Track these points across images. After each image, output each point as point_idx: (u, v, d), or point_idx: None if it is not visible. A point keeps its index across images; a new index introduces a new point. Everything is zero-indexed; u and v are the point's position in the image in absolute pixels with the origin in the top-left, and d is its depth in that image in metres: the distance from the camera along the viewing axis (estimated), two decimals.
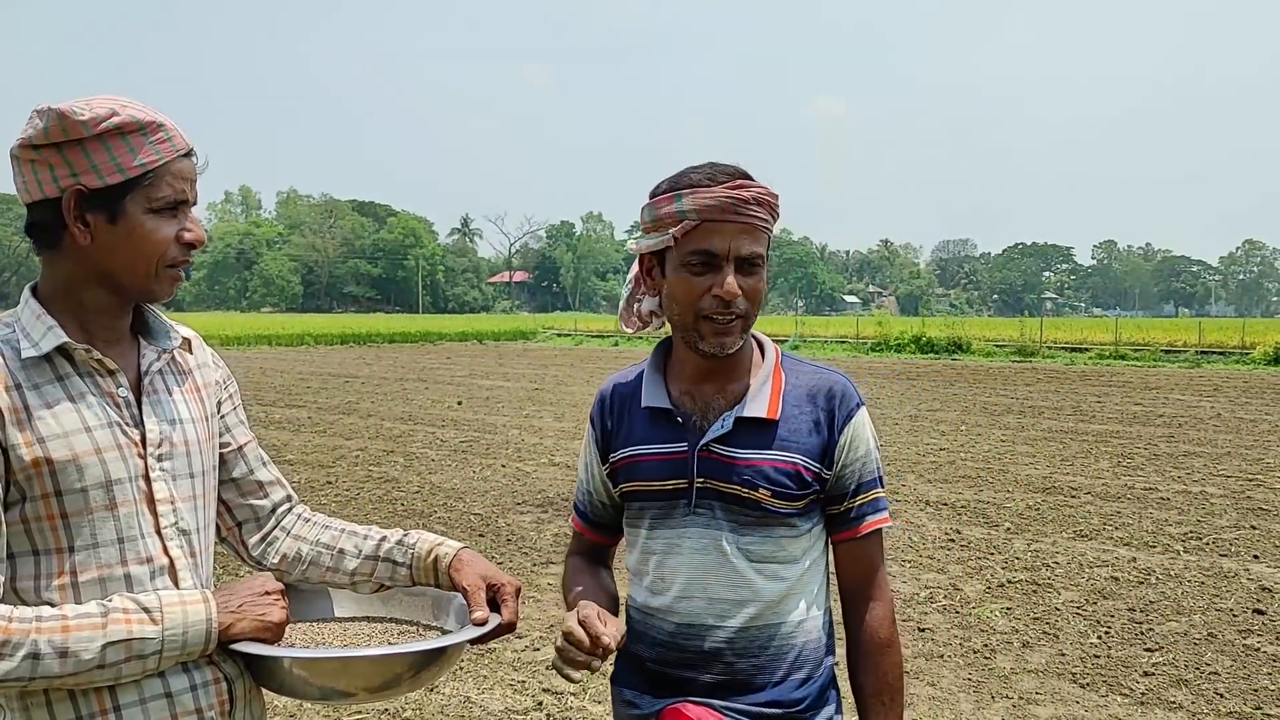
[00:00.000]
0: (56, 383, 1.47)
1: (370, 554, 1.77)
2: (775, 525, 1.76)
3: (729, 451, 1.76)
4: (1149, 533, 7.93)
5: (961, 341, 34.05)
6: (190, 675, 1.50)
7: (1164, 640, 5.49)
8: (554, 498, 9.11)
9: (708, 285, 1.71)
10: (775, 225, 1.77)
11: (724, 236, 1.69)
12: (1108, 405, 17.46)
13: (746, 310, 1.73)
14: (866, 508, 1.81)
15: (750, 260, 1.71)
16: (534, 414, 15.82)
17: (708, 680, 1.77)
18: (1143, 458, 11.58)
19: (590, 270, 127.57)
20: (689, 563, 1.79)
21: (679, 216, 1.71)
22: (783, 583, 1.77)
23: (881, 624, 1.80)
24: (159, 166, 1.48)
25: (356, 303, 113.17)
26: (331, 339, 41.60)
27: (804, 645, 1.80)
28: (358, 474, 10.33)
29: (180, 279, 1.56)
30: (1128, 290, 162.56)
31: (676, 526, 1.81)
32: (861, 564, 1.82)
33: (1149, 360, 30.35)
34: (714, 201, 1.68)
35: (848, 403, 1.79)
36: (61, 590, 1.44)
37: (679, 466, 1.79)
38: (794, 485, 1.75)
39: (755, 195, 1.69)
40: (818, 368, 1.87)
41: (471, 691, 4.71)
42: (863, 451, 1.79)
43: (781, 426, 1.77)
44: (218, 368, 1.77)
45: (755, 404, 1.78)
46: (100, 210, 1.47)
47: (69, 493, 1.44)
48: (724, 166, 1.74)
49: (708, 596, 1.77)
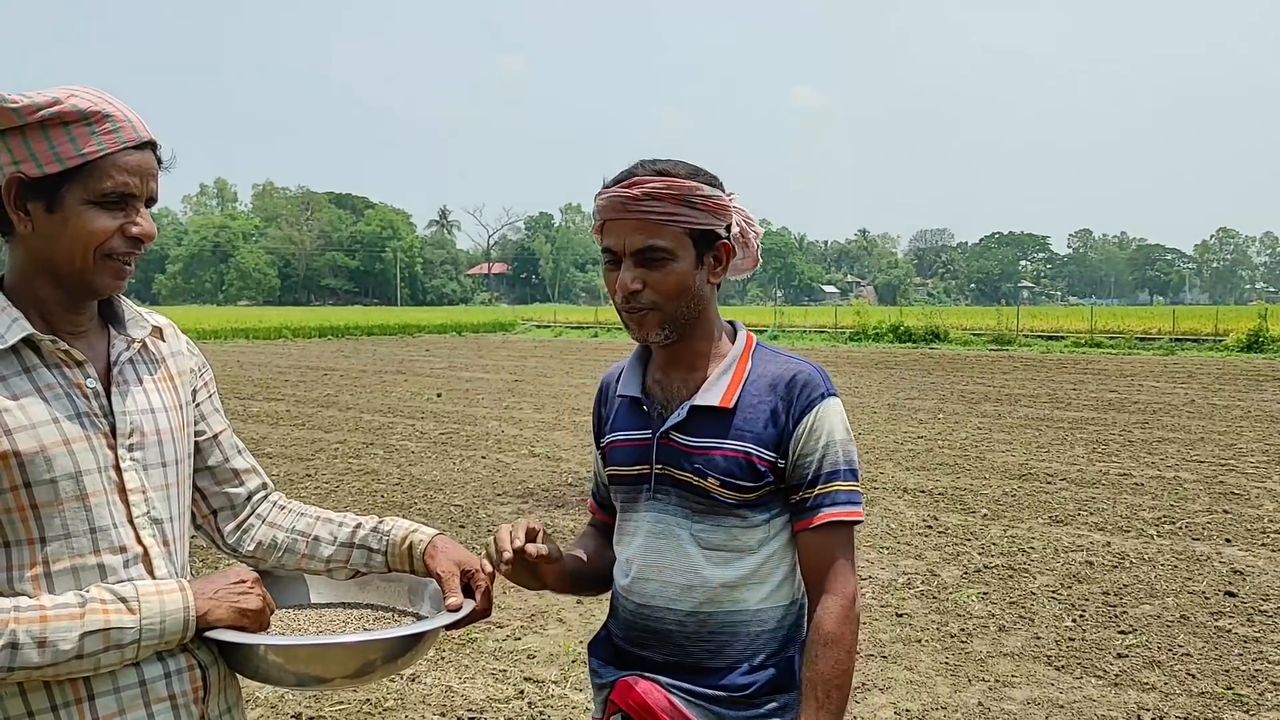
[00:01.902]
0: (23, 375, 1.47)
1: (345, 541, 1.78)
2: (725, 515, 1.77)
3: (685, 440, 1.79)
4: (1123, 517, 8.02)
5: (939, 331, 34.24)
6: (164, 663, 1.50)
7: (1137, 623, 5.56)
8: (534, 489, 9.11)
9: (615, 280, 1.77)
10: (705, 215, 1.75)
11: (618, 234, 1.74)
12: (1083, 392, 17.60)
13: (656, 302, 1.75)
14: (824, 499, 1.76)
15: (647, 253, 1.73)
16: (514, 406, 15.81)
17: (660, 660, 1.81)
18: (1117, 444, 11.70)
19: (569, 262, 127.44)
20: (646, 546, 1.83)
21: (593, 217, 1.82)
22: (734, 571, 1.78)
23: (828, 617, 1.74)
24: (101, 158, 1.46)
25: (334, 295, 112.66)
26: (309, 332, 41.41)
27: (759, 633, 1.79)
28: (337, 466, 10.31)
29: (124, 273, 1.53)
30: (1103, 279, 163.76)
31: (640, 510, 1.85)
32: (817, 555, 1.78)
33: (1124, 348, 30.62)
34: (606, 201, 1.75)
35: (809, 392, 1.77)
36: (35, 581, 1.44)
37: (643, 453, 1.84)
38: (744, 475, 1.75)
39: (647, 190, 1.71)
40: (789, 358, 1.85)
41: (453, 681, 4.73)
42: (823, 442, 1.76)
43: (737, 416, 1.77)
44: (192, 355, 1.76)
45: (710, 393, 1.79)
46: (39, 199, 1.46)
47: (38, 484, 1.44)
48: (642, 164, 1.77)
49: (661, 580, 1.81)
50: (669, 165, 1.77)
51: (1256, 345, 28.66)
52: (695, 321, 1.81)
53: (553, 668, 4.90)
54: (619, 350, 31.50)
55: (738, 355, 1.84)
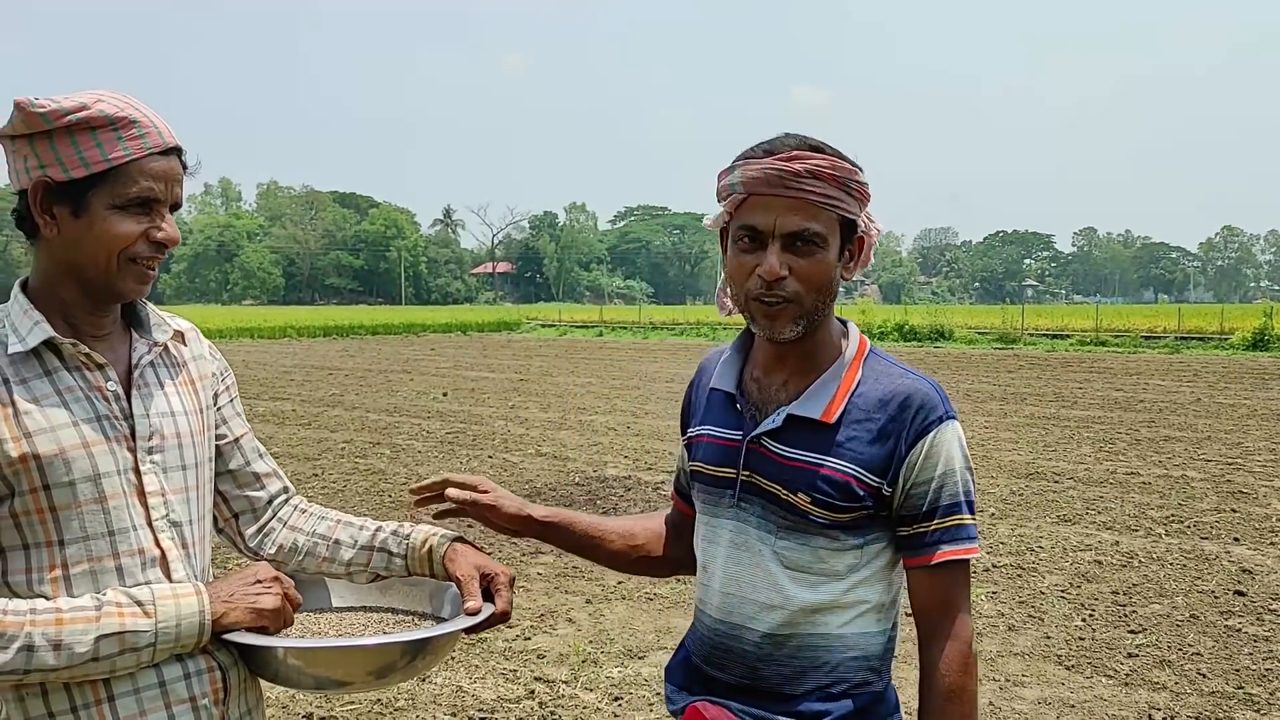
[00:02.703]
0: (44, 378, 1.48)
1: (366, 544, 1.78)
2: (815, 534, 1.62)
3: (778, 449, 1.64)
4: (1131, 517, 8.01)
5: (944, 329, 34.23)
6: (184, 664, 1.51)
7: (1147, 622, 5.55)
8: (541, 488, 9.12)
9: (754, 264, 1.59)
10: (855, 203, 1.60)
11: (769, 211, 1.56)
12: (1089, 391, 17.59)
13: (797, 293, 1.58)
14: (942, 534, 1.60)
15: (800, 237, 1.56)
16: (520, 405, 15.82)
17: (732, 682, 1.69)
18: (1124, 443, 11.68)
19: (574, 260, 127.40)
20: (726, 556, 1.70)
21: (730, 189, 1.62)
22: (819, 595, 1.63)
23: (949, 668, 1.59)
24: (127, 163, 1.46)
25: (339, 295, 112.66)
26: (314, 331, 41.44)
27: (840, 661, 1.65)
28: (344, 466, 10.32)
29: (148, 277, 1.54)
30: (1108, 277, 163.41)
31: (721, 516, 1.72)
32: (932, 596, 1.62)
33: (1129, 347, 30.58)
34: (759, 174, 1.56)
35: (927, 414, 1.60)
36: (54, 583, 1.45)
37: (731, 455, 1.70)
38: (839, 496, 1.59)
39: (810, 167, 1.54)
40: (906, 372, 1.67)
41: (463, 681, 4.73)
42: (940, 471, 1.59)
43: (840, 432, 1.61)
44: (214, 359, 1.76)
45: (811, 403, 1.64)
46: (65, 203, 1.47)
47: (57, 487, 1.44)
48: (791, 137, 1.60)
49: (740, 595, 1.68)
50: (820, 143, 1.60)
51: (1262, 343, 28.60)
52: (822, 319, 1.65)
53: (563, 668, 4.90)
54: (623, 350, 31.50)
55: (847, 363, 1.67)
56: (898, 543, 1.65)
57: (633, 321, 47.18)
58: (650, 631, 5.42)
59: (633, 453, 11.06)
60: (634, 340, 37.98)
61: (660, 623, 5.55)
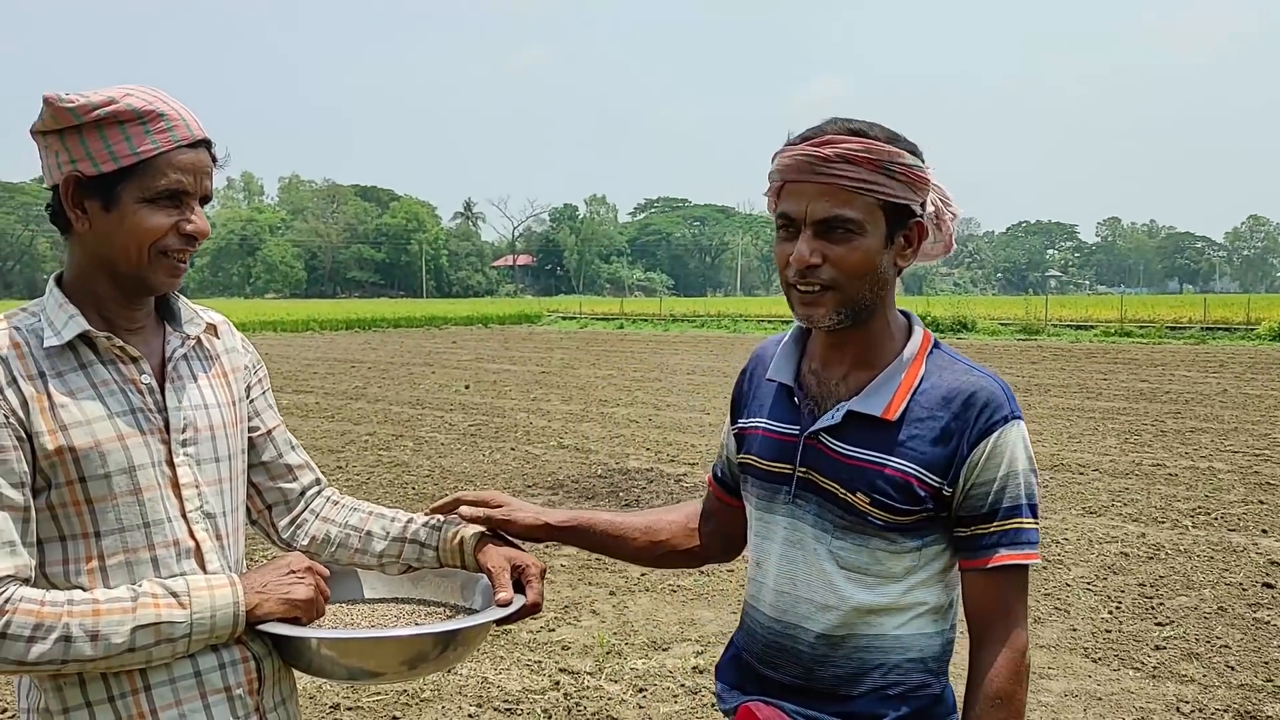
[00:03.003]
0: (79, 371, 1.49)
1: (397, 536, 1.79)
2: (872, 535, 1.58)
3: (836, 446, 1.60)
4: (1157, 508, 7.95)
5: (966, 320, 34.02)
6: (219, 654, 1.52)
7: (1174, 614, 5.52)
8: (564, 480, 9.14)
9: (790, 252, 1.55)
10: (903, 187, 1.54)
11: (800, 198, 1.53)
12: (1114, 382, 17.46)
13: (835, 280, 1.53)
14: (1000, 538, 1.55)
15: (832, 224, 1.51)
16: (541, 397, 15.85)
17: (786, 682, 1.66)
18: (1150, 434, 11.60)
19: (594, 253, 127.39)
20: (780, 554, 1.66)
21: (770, 178, 1.60)
22: (876, 596, 1.60)
23: (999, 674, 1.54)
24: (155, 156, 1.47)
25: (360, 288, 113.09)
26: (337, 324, 41.62)
27: (897, 663, 1.61)
28: (368, 459, 10.37)
29: (179, 270, 1.55)
30: (1132, 267, 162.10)
31: (775, 513, 1.68)
32: (986, 600, 1.57)
33: (1154, 337, 30.33)
34: (791, 160, 1.54)
35: (991, 413, 1.54)
36: (90, 574, 1.46)
37: (787, 450, 1.65)
38: (900, 498, 1.55)
39: (840, 152, 1.49)
40: (970, 367, 1.61)
41: (489, 672, 4.75)
42: (1002, 472, 1.54)
43: (902, 430, 1.56)
44: (246, 352, 1.78)
45: (872, 400, 1.58)
46: (96, 197, 1.48)
47: (92, 479, 1.46)
48: (833, 122, 1.56)
49: (794, 594, 1.64)
50: (864, 126, 1.55)
51: None
52: (872, 309, 1.59)
53: (587, 659, 4.92)
54: (644, 342, 31.50)
55: (910, 358, 1.61)
56: (955, 544, 1.61)
57: (653, 314, 47.14)
58: (674, 624, 5.42)
59: (655, 445, 11.06)
60: (655, 332, 37.95)
61: (684, 615, 5.56)
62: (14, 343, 1.47)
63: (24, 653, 1.35)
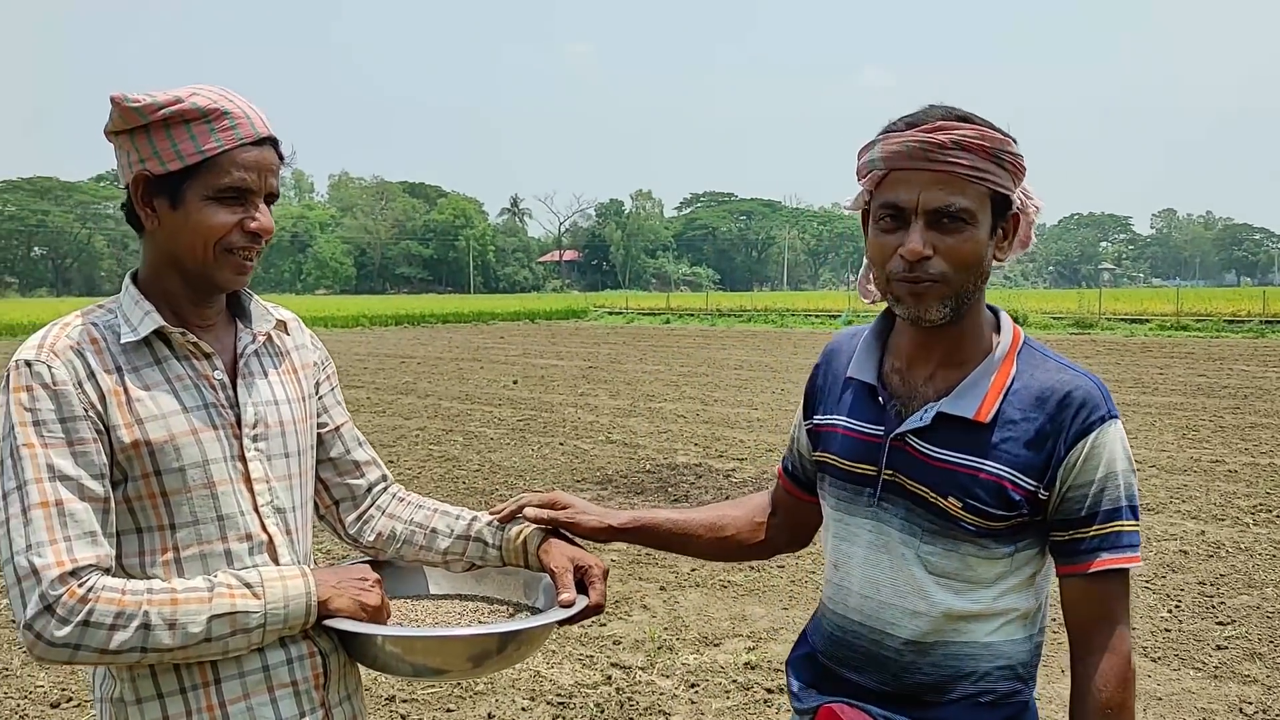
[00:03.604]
0: (154, 366, 1.52)
1: (462, 534, 1.80)
2: (964, 541, 1.53)
3: (925, 448, 1.54)
4: (1217, 505, 7.80)
5: (1018, 314, 33.57)
6: (286, 649, 1.55)
7: (1236, 614, 5.41)
8: (612, 475, 9.16)
9: (896, 244, 1.49)
10: (1008, 177, 1.50)
11: (911, 186, 1.46)
12: (1170, 377, 17.15)
13: (945, 274, 1.47)
14: (1100, 541, 1.50)
15: (947, 214, 1.45)
16: (589, 392, 15.90)
17: (871, 687, 1.61)
18: (1208, 430, 11.37)
19: (640, 248, 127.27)
20: (864, 558, 1.62)
21: (869, 166, 1.52)
22: (966, 602, 1.55)
23: (1106, 684, 1.50)
24: (220, 154, 1.49)
25: (409, 284, 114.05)
26: (386, 320, 42.05)
27: (989, 670, 1.57)
28: (419, 453, 10.47)
29: (245, 267, 1.56)
30: (1188, 260, 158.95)
31: (858, 515, 1.63)
32: (1088, 607, 1.53)
33: (1212, 331, 29.74)
34: (901, 147, 1.46)
35: (1088, 413, 1.49)
36: (166, 566, 1.50)
37: (871, 451, 1.60)
38: (994, 503, 1.50)
39: (955, 138, 1.44)
40: (1063, 365, 1.55)
41: (541, 666, 4.78)
42: (1101, 474, 1.48)
43: (995, 432, 1.51)
44: (316, 349, 1.80)
45: (964, 401, 1.53)
46: (164, 195, 1.51)
47: (167, 472, 1.49)
48: (936, 109, 1.50)
49: (879, 599, 1.60)
50: (969, 113, 1.49)
51: None
52: (972, 304, 1.53)
53: (639, 654, 4.93)
54: (690, 337, 31.45)
55: (1001, 357, 1.55)
56: (1052, 548, 1.56)
57: (700, 308, 47.07)
58: (725, 619, 5.42)
59: (703, 440, 11.05)
60: (701, 327, 37.89)
61: (735, 610, 5.55)
62: (92, 338, 1.50)
63: (106, 641, 1.38)
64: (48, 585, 1.36)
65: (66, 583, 1.37)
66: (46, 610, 1.36)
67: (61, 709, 4.41)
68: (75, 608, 1.37)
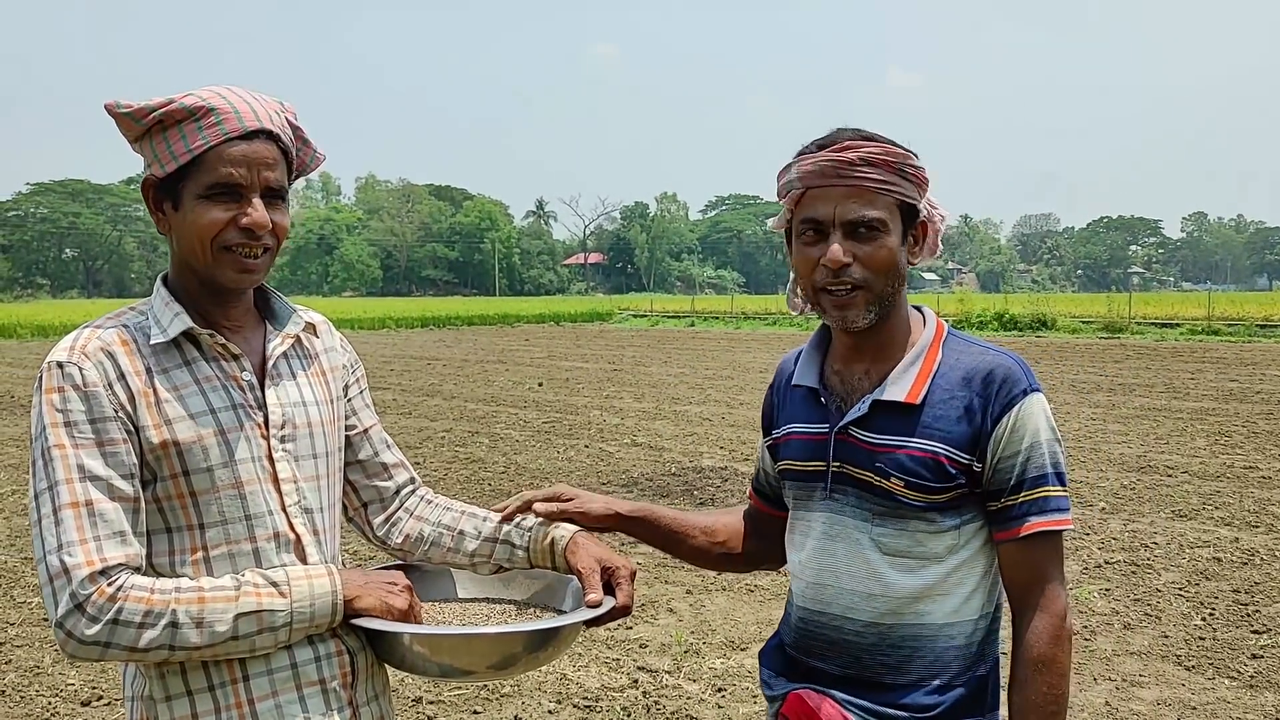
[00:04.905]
0: (184, 367, 1.53)
1: (489, 536, 1.80)
2: (911, 518, 1.64)
3: (866, 436, 1.66)
4: (1251, 512, 7.69)
5: (1046, 318, 33.31)
6: (314, 647, 1.55)
7: (1271, 622, 5.33)
8: (637, 478, 9.14)
9: (819, 255, 1.62)
10: (913, 188, 1.64)
11: (827, 202, 1.61)
12: (1201, 382, 16.95)
13: (865, 279, 1.61)
14: (1029, 506, 1.61)
15: (862, 224, 1.59)
16: (614, 395, 15.90)
17: (836, 673, 1.70)
18: (1241, 435, 11.23)
19: (665, 251, 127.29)
20: (821, 548, 1.72)
21: (788, 187, 1.67)
22: (920, 579, 1.65)
23: (1039, 639, 1.61)
24: (206, 151, 1.49)
25: (435, 286, 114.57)
26: (412, 322, 42.26)
27: (946, 649, 1.66)
28: (444, 455, 10.49)
29: (247, 265, 1.54)
30: (1219, 264, 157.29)
31: (815, 510, 1.74)
32: (1022, 570, 1.64)
33: (1243, 335, 29.39)
34: (814, 167, 1.61)
35: (1010, 387, 1.61)
36: (194, 565, 1.50)
37: (820, 448, 1.72)
38: (932, 477, 1.61)
39: (864, 155, 1.58)
40: (986, 349, 1.69)
41: (568, 669, 4.77)
42: (1026, 443, 1.60)
43: (926, 412, 1.63)
44: (345, 352, 1.80)
45: (895, 387, 1.66)
46: (168, 198, 1.53)
47: (196, 472, 1.49)
48: (844, 131, 1.65)
49: (838, 586, 1.69)
50: (873, 133, 1.65)
51: None
52: (893, 304, 1.68)
53: (665, 658, 4.91)
54: (715, 340, 31.41)
55: (927, 345, 1.69)
56: (989, 518, 1.66)
57: (724, 311, 47.01)
58: (752, 623, 5.39)
59: (728, 443, 11.02)
60: (726, 330, 37.84)
61: (762, 614, 5.52)
62: (123, 340, 1.51)
63: (135, 639, 1.39)
64: (78, 584, 1.37)
65: (96, 582, 1.38)
66: (77, 609, 1.37)
67: (92, 707, 4.43)
68: (105, 606, 1.37)
